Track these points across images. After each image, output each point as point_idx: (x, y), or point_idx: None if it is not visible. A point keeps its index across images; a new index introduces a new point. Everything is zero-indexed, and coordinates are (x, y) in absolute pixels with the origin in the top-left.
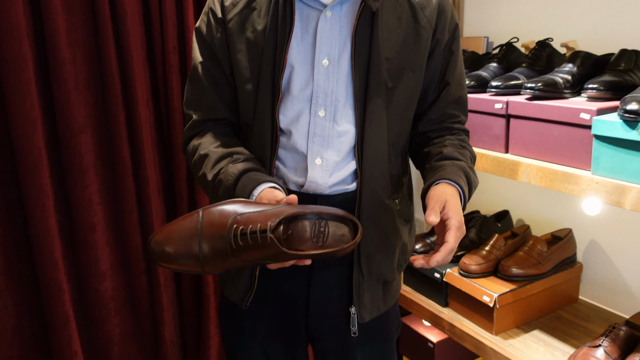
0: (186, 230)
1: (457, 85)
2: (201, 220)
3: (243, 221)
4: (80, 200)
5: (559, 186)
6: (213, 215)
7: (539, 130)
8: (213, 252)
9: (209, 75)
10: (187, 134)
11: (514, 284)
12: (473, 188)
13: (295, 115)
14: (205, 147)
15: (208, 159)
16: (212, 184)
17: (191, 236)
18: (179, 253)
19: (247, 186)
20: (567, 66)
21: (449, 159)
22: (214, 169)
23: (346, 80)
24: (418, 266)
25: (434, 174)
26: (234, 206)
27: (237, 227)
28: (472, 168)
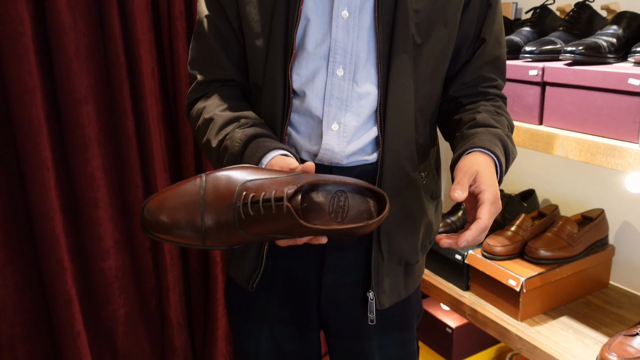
0: (186, 196)
1: (495, 44)
2: (204, 185)
3: (254, 188)
4: (82, 174)
5: (601, 160)
6: (219, 180)
7: (579, 98)
8: (217, 223)
9: (215, 30)
10: (191, 97)
11: (541, 267)
12: (511, 160)
13: (310, 74)
14: (210, 110)
15: (213, 124)
16: (217, 151)
17: (192, 204)
18: (176, 223)
19: (256, 153)
20: (611, 28)
21: (483, 125)
22: (220, 134)
23: (368, 35)
24: (445, 246)
25: (466, 142)
26: (243, 172)
27: (248, 194)
28: (510, 137)
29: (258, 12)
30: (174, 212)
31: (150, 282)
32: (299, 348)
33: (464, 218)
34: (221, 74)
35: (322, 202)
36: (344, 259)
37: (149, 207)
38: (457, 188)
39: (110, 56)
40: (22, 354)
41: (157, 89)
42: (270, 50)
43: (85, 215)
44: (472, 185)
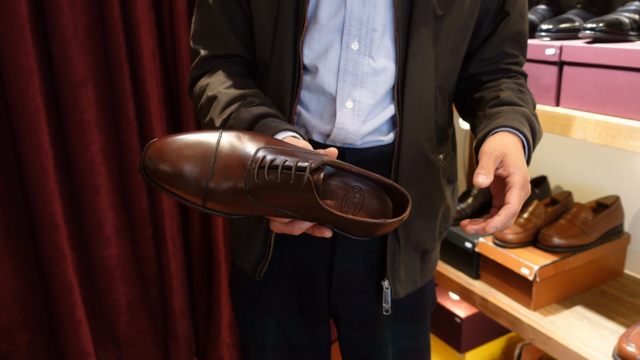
0: (198, 146)
1: (519, 17)
2: (220, 139)
3: (275, 152)
4: (82, 159)
5: (622, 143)
6: (238, 138)
7: (599, 78)
8: (225, 183)
9: (220, 2)
10: (193, 73)
11: (555, 256)
12: (537, 139)
13: (323, 48)
14: (214, 87)
15: (217, 102)
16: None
17: (203, 155)
18: (180, 172)
19: (263, 134)
20: (633, 4)
21: (507, 104)
22: (224, 113)
23: (385, 6)
24: (471, 232)
25: (490, 121)
26: (265, 137)
27: (265, 157)
28: (535, 116)
29: None
30: (180, 160)
31: (152, 270)
32: (307, 340)
33: (474, 205)
34: (226, 49)
35: (336, 193)
36: (356, 246)
37: (154, 148)
38: (480, 172)
39: (110, 37)
40: (22, 342)
41: (157, 71)
42: (279, 23)
43: (85, 201)
44: (499, 168)
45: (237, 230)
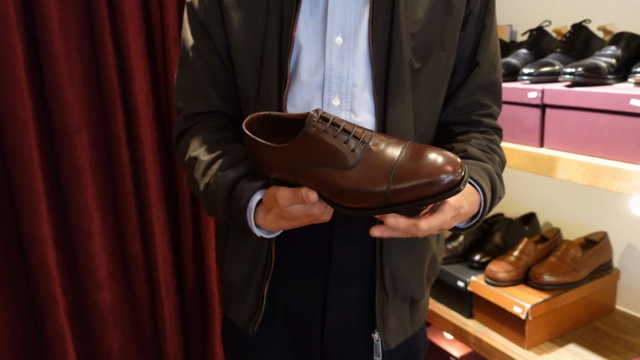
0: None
1: (489, 67)
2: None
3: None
4: (75, 204)
5: (606, 184)
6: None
7: (581, 120)
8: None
9: (201, 59)
10: (177, 129)
11: (546, 293)
12: (497, 199)
13: (305, 104)
14: (195, 148)
15: (198, 164)
16: (205, 194)
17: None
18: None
19: (242, 198)
20: (609, 49)
21: (473, 159)
22: (205, 176)
23: (364, 61)
24: (375, 235)
25: None
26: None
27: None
28: (500, 175)
29: (248, 39)
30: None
31: (145, 314)
32: None
33: (465, 244)
34: (207, 106)
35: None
36: (347, 292)
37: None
38: (422, 220)
39: (104, 83)
40: None
41: (151, 116)
42: (262, 80)
43: (78, 246)
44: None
45: (230, 284)
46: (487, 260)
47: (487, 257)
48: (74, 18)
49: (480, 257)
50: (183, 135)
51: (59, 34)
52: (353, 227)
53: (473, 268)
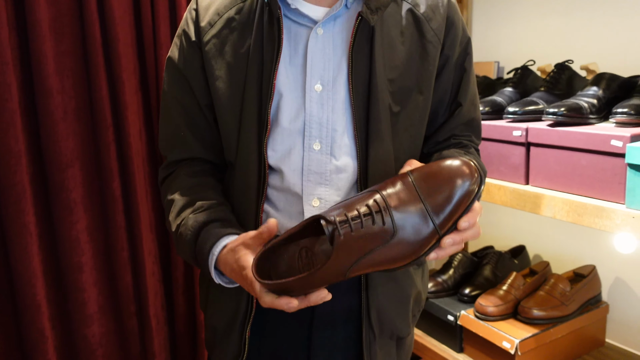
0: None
1: (471, 106)
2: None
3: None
4: (67, 238)
5: (589, 221)
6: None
7: (564, 159)
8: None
9: (181, 108)
10: (161, 175)
11: (535, 328)
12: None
13: (286, 150)
14: (173, 191)
15: (173, 206)
16: (175, 235)
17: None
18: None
19: (207, 242)
20: (591, 89)
21: (446, 157)
22: (177, 218)
23: (343, 107)
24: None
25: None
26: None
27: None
28: (480, 164)
29: (228, 87)
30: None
31: (135, 348)
32: None
33: (455, 277)
34: (188, 153)
35: (291, 265)
36: (333, 336)
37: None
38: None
39: (98, 119)
40: None
41: (144, 150)
42: (243, 126)
43: (69, 280)
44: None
45: (213, 328)
46: (477, 293)
47: (477, 290)
48: (69, 54)
49: (470, 291)
50: (165, 180)
51: (54, 71)
52: None
53: (463, 302)
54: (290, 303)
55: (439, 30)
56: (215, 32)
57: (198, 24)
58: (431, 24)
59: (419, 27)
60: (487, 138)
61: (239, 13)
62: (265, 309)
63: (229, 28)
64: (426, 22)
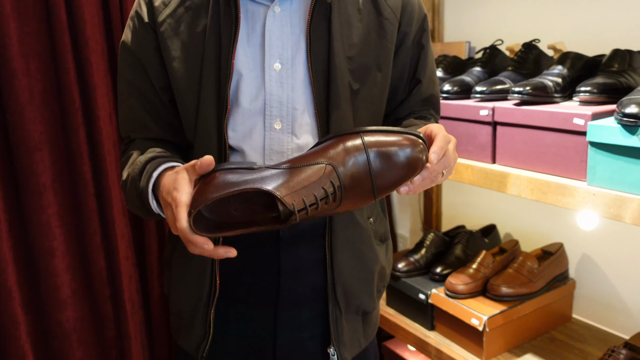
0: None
1: (430, 82)
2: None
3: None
4: (37, 223)
5: (553, 199)
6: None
7: (529, 138)
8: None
9: (136, 92)
10: (121, 149)
11: (504, 305)
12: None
13: (247, 129)
14: (129, 151)
15: (128, 162)
16: (125, 183)
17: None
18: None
19: (150, 169)
20: (556, 68)
21: (417, 121)
22: (129, 167)
23: (303, 86)
24: (402, 192)
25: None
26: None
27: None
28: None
29: (185, 68)
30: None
31: (110, 332)
32: None
33: (427, 256)
34: (148, 134)
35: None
36: (298, 315)
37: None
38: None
39: (66, 102)
40: None
41: (114, 133)
42: (201, 107)
43: (41, 265)
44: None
45: (178, 312)
46: (448, 272)
47: (448, 269)
48: (35, 37)
49: (442, 270)
50: (124, 152)
51: (18, 53)
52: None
53: (435, 280)
54: (228, 252)
55: (396, 7)
56: (169, 12)
57: (152, 5)
58: (388, 1)
59: (375, 4)
60: (456, 117)
61: None
62: (230, 291)
63: (184, 7)
64: (383, 0)
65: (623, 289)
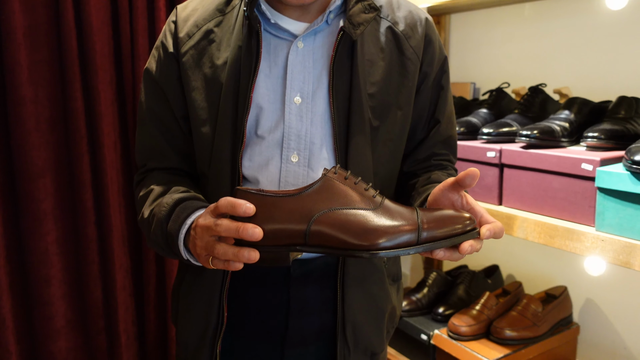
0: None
1: (448, 124)
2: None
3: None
4: (35, 250)
5: (560, 243)
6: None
7: (536, 181)
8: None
9: (157, 119)
10: (136, 179)
11: (507, 348)
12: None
13: (264, 161)
14: (148, 185)
15: (149, 197)
16: (148, 221)
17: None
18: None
19: (181, 215)
20: (563, 113)
21: (436, 182)
22: (152, 205)
23: (322, 120)
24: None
25: (422, 195)
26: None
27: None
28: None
29: (205, 98)
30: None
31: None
32: None
33: (430, 295)
34: (165, 163)
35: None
36: (306, 354)
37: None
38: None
39: (72, 129)
40: None
41: (118, 162)
42: (217, 138)
43: (36, 293)
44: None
45: (184, 343)
46: (451, 313)
47: (450, 309)
48: (45, 64)
49: (444, 310)
50: (140, 183)
51: (27, 80)
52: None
53: (437, 321)
54: (251, 254)
55: (418, 48)
56: (193, 44)
57: (176, 36)
58: (410, 41)
59: (398, 44)
60: (462, 158)
61: (218, 26)
62: (237, 325)
63: (207, 40)
64: (405, 40)
65: (627, 336)
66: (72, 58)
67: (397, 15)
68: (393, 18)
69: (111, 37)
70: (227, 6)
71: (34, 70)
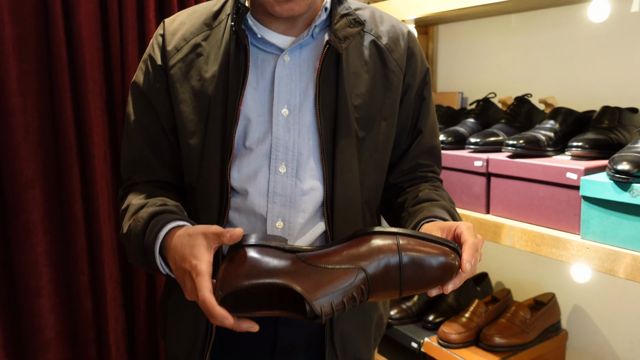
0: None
1: (431, 134)
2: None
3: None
4: (24, 262)
5: (547, 251)
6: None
7: (523, 190)
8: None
9: (145, 132)
10: (121, 193)
11: (497, 355)
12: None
13: (252, 172)
14: (129, 199)
15: (128, 212)
16: (127, 236)
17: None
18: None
19: (154, 229)
20: (548, 123)
21: (426, 201)
22: (130, 219)
23: (309, 131)
24: (450, 289)
25: (415, 217)
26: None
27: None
28: (453, 207)
29: (193, 111)
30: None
31: None
32: None
33: (419, 303)
34: (152, 176)
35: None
36: None
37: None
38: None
39: (61, 140)
40: None
41: (108, 173)
42: (205, 150)
43: (25, 305)
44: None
45: (173, 356)
46: (441, 320)
47: (440, 317)
48: (34, 74)
49: (434, 318)
50: (123, 197)
51: (16, 90)
52: None
53: (427, 329)
54: (251, 327)
55: (401, 61)
56: (181, 57)
57: (164, 49)
58: (393, 54)
59: (382, 57)
60: (450, 167)
61: (205, 40)
62: (226, 337)
63: (195, 53)
64: (388, 53)
65: (614, 342)
66: (62, 68)
67: (381, 30)
68: (376, 32)
69: (101, 47)
70: (215, 20)
71: (23, 81)
